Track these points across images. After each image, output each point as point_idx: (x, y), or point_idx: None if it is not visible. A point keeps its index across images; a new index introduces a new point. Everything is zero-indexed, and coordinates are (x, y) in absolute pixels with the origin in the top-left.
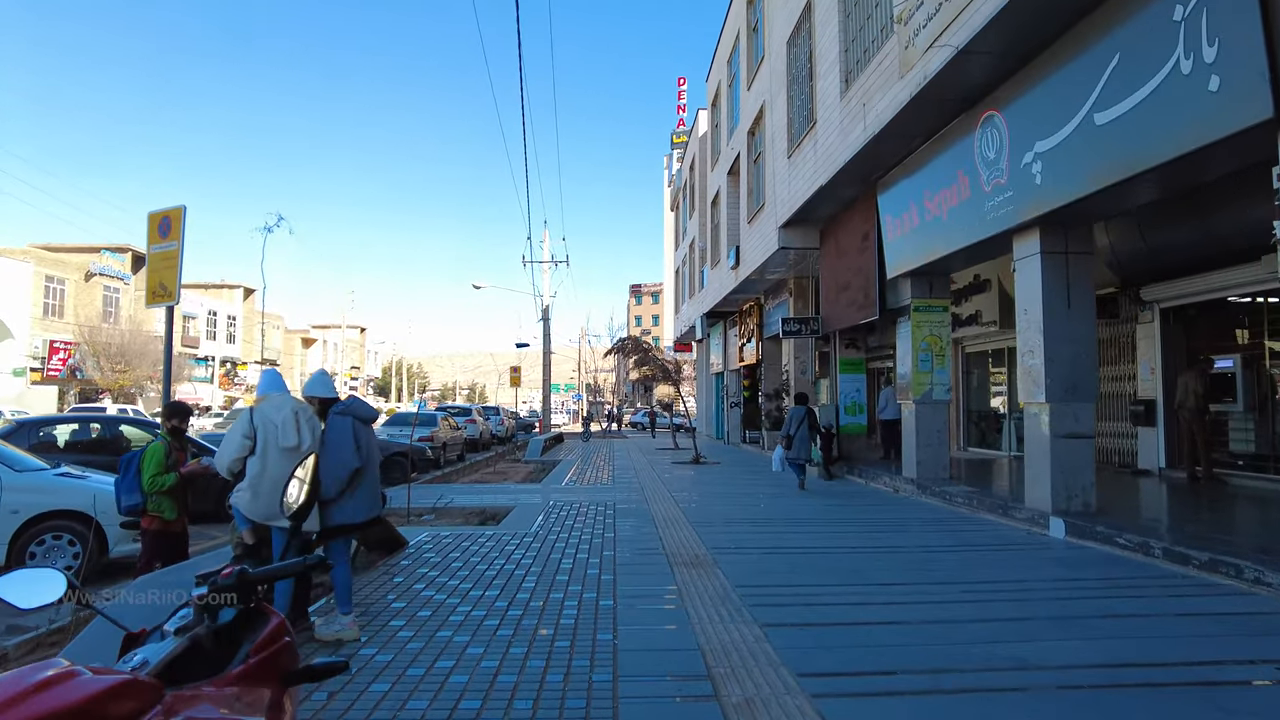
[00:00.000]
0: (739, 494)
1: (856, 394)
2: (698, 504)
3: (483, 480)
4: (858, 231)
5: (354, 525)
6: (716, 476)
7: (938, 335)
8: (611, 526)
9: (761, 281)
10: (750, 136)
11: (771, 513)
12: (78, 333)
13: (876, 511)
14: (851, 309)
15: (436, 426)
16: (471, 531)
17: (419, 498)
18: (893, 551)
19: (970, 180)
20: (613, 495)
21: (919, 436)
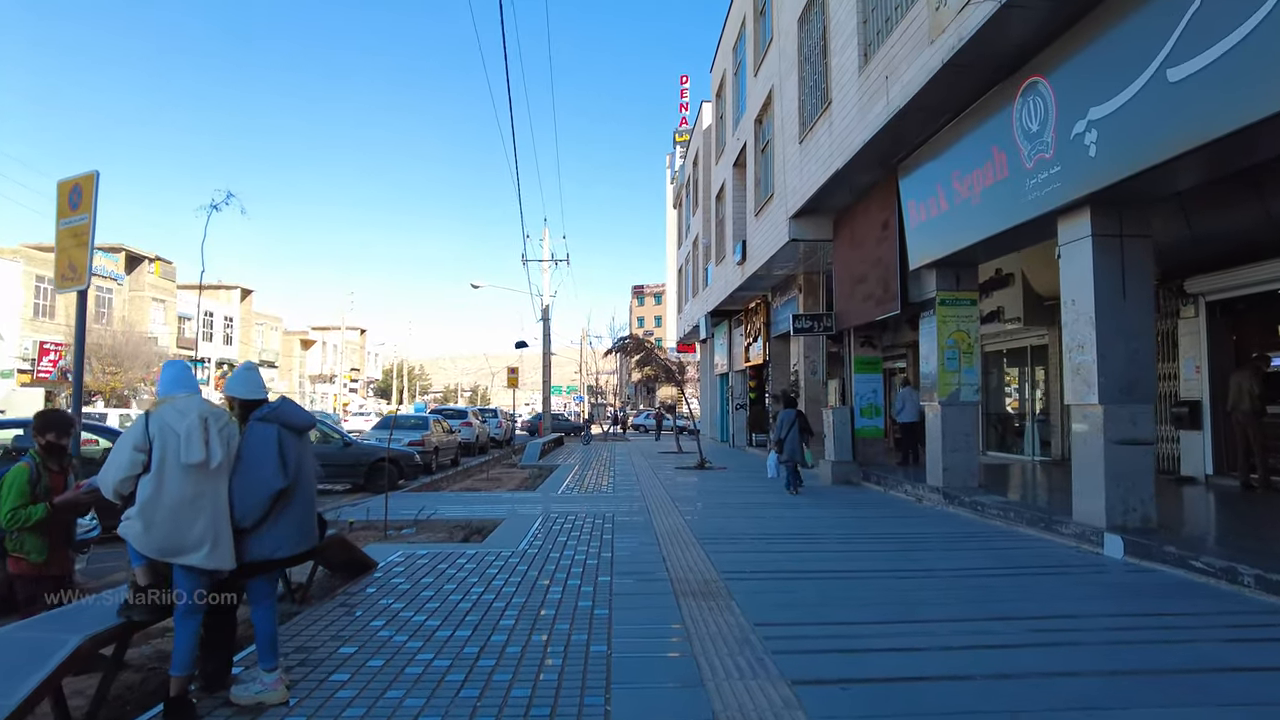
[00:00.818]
0: (749, 504)
1: (873, 395)
2: (704, 516)
3: (474, 488)
4: (876, 220)
5: (277, 561)
6: (723, 484)
7: (965, 331)
8: (609, 544)
9: (769, 278)
10: (757, 125)
11: (787, 527)
12: (69, 334)
13: (902, 525)
14: (869, 304)
15: (428, 430)
16: (451, 550)
17: (400, 508)
18: (931, 575)
19: (1008, 157)
20: (612, 505)
21: (945, 441)
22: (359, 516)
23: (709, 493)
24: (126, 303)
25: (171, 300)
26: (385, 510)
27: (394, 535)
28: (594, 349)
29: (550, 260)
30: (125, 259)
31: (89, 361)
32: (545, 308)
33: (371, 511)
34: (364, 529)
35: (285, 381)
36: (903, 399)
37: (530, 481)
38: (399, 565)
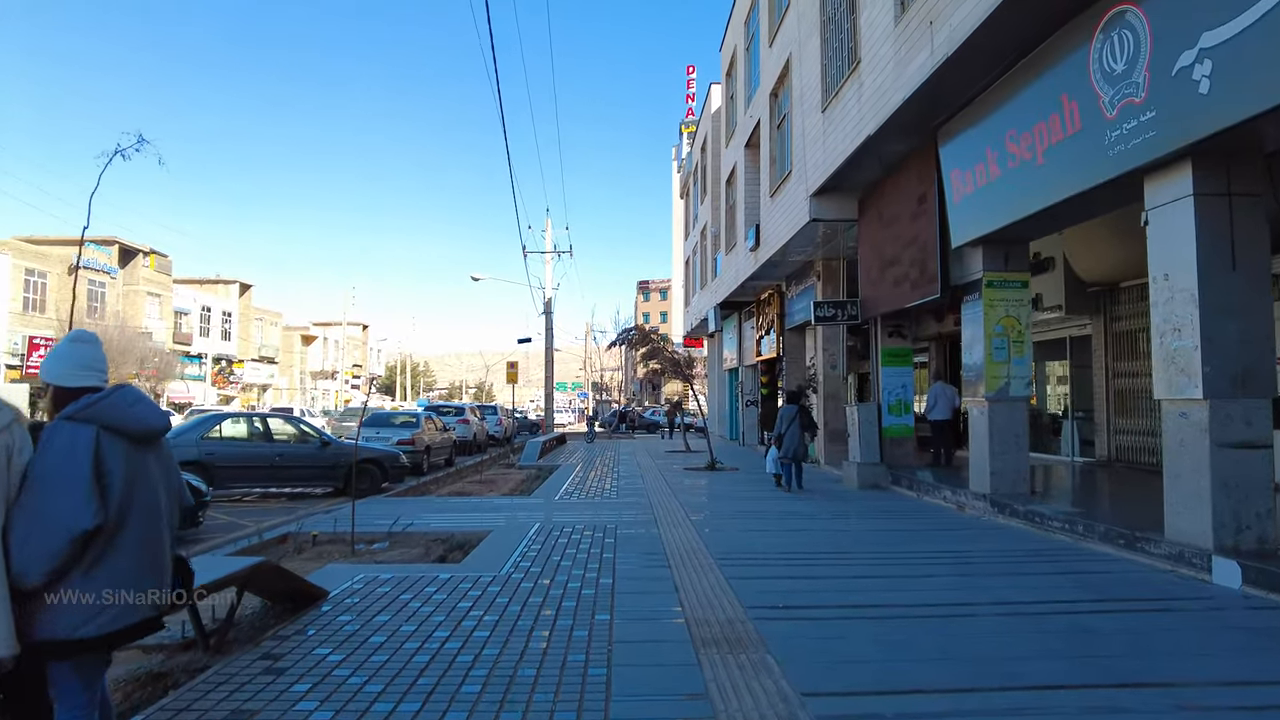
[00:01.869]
0: (769, 513)
1: (902, 390)
2: (719, 527)
3: (464, 491)
4: (910, 194)
5: (81, 644)
6: (736, 487)
7: (1015, 317)
8: (610, 567)
9: (784, 264)
10: (773, 99)
11: (816, 543)
12: (59, 328)
13: (949, 539)
14: (902, 288)
15: (419, 428)
16: (422, 574)
17: (376, 518)
18: (1014, 614)
19: (1082, 106)
20: (615, 513)
21: (993, 442)
22: (325, 528)
23: (722, 498)
24: (121, 297)
25: (167, 295)
26: (352, 522)
27: (362, 551)
28: (598, 345)
29: (553, 252)
30: (119, 252)
31: None
32: (548, 301)
33: (342, 521)
34: (329, 543)
35: (286, 378)
36: (934, 395)
37: (527, 485)
38: (354, 595)
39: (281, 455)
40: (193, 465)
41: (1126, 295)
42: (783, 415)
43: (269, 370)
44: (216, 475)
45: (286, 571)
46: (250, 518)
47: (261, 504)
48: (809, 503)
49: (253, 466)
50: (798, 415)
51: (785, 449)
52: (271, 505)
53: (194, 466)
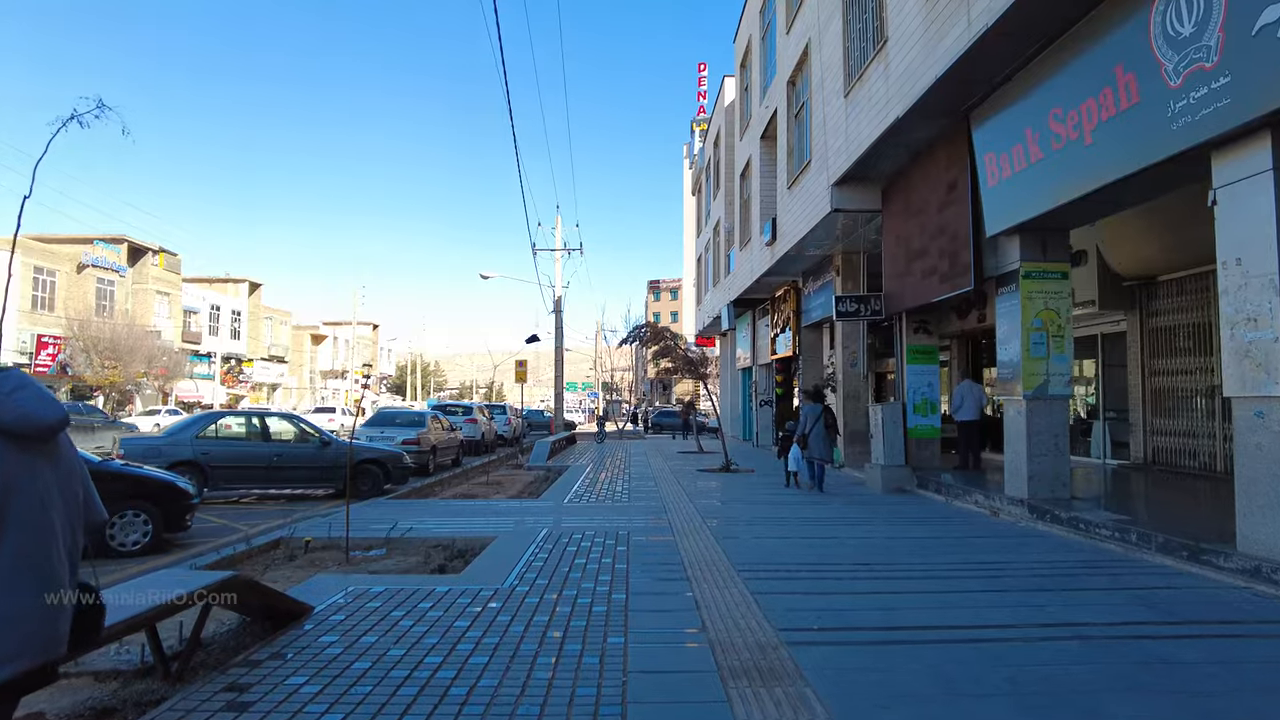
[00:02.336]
0: (790, 518)
1: (928, 389)
2: (739, 535)
3: (470, 494)
4: (940, 182)
5: None
6: (753, 490)
7: (1054, 310)
8: (623, 580)
9: (801, 259)
10: (790, 87)
11: (846, 552)
12: (67, 327)
13: (990, 548)
14: (930, 281)
15: (424, 428)
16: (418, 586)
17: (375, 522)
18: (1079, 638)
19: (1140, 76)
20: (627, 518)
21: (1031, 443)
22: (320, 533)
23: (741, 502)
24: (130, 295)
25: (176, 293)
26: (346, 527)
27: (357, 559)
28: (609, 345)
29: (563, 249)
30: (128, 250)
31: (88, 356)
32: (558, 299)
33: (339, 525)
34: (323, 549)
35: (295, 377)
36: (961, 394)
37: (535, 486)
38: (341, 612)
39: (280, 455)
40: (187, 465)
41: (1165, 290)
42: (806, 415)
43: (279, 369)
44: (212, 476)
45: (262, 587)
46: (245, 520)
47: (259, 506)
48: (831, 507)
49: (249, 467)
50: (821, 415)
51: (811, 450)
52: (269, 507)
53: (188, 467)
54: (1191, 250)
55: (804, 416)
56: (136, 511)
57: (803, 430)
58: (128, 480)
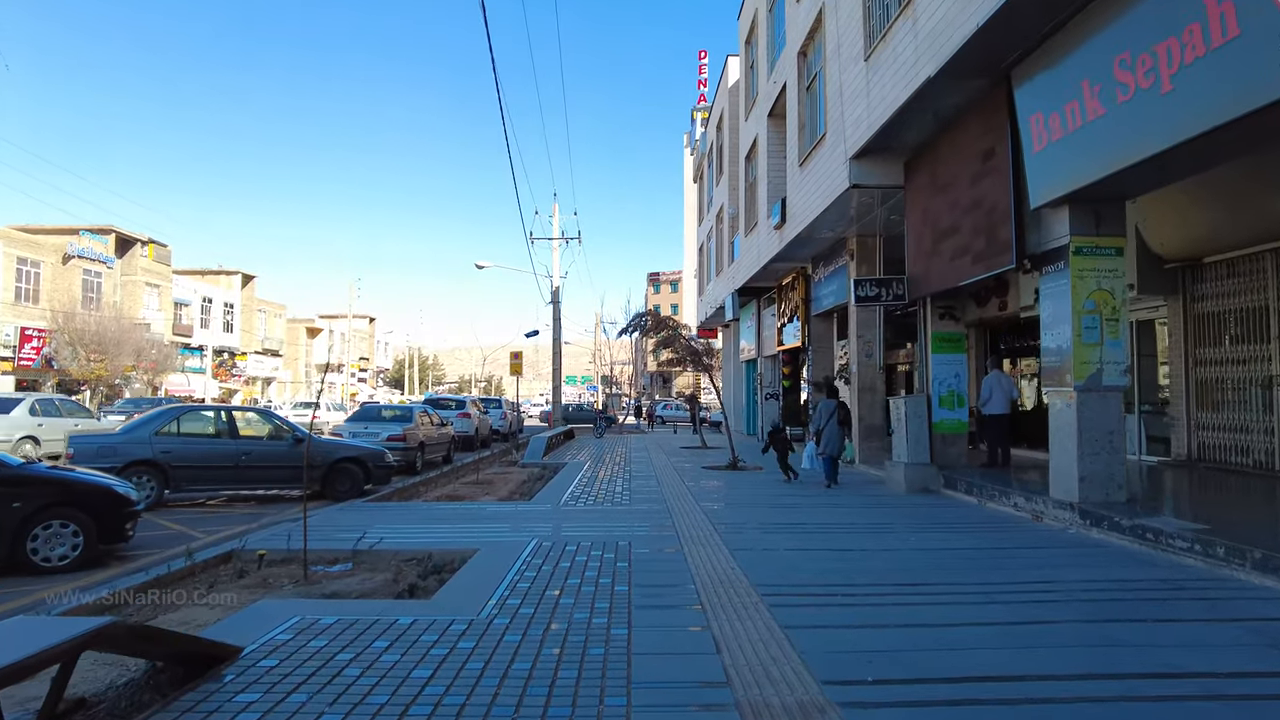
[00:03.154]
0: (809, 524)
1: (955, 380)
2: (756, 545)
3: (456, 495)
4: (973, 151)
5: None
6: (764, 490)
7: (1109, 290)
8: (624, 608)
9: (812, 242)
10: (801, 58)
11: (883, 567)
12: (52, 319)
13: (1050, 563)
14: (962, 261)
15: (411, 423)
16: (377, 616)
17: (344, 529)
18: (1214, 696)
19: (1240, 5)
20: (629, 525)
21: (1082, 440)
22: (277, 544)
23: (751, 504)
24: (118, 287)
25: (166, 285)
26: (304, 539)
27: (317, 576)
28: (609, 338)
29: (560, 238)
30: (116, 241)
31: (74, 349)
32: (555, 290)
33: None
34: (280, 564)
35: (290, 371)
36: (989, 386)
37: (528, 486)
38: (275, 654)
39: (248, 454)
40: (145, 465)
41: (1214, 272)
42: (820, 409)
43: (273, 363)
44: (174, 476)
45: (156, 631)
46: (205, 526)
47: (226, 509)
48: (852, 510)
49: (215, 467)
50: (836, 410)
51: (824, 444)
52: (237, 510)
53: (147, 466)
54: (1248, 227)
55: (819, 411)
56: (64, 521)
57: (818, 425)
58: (53, 486)
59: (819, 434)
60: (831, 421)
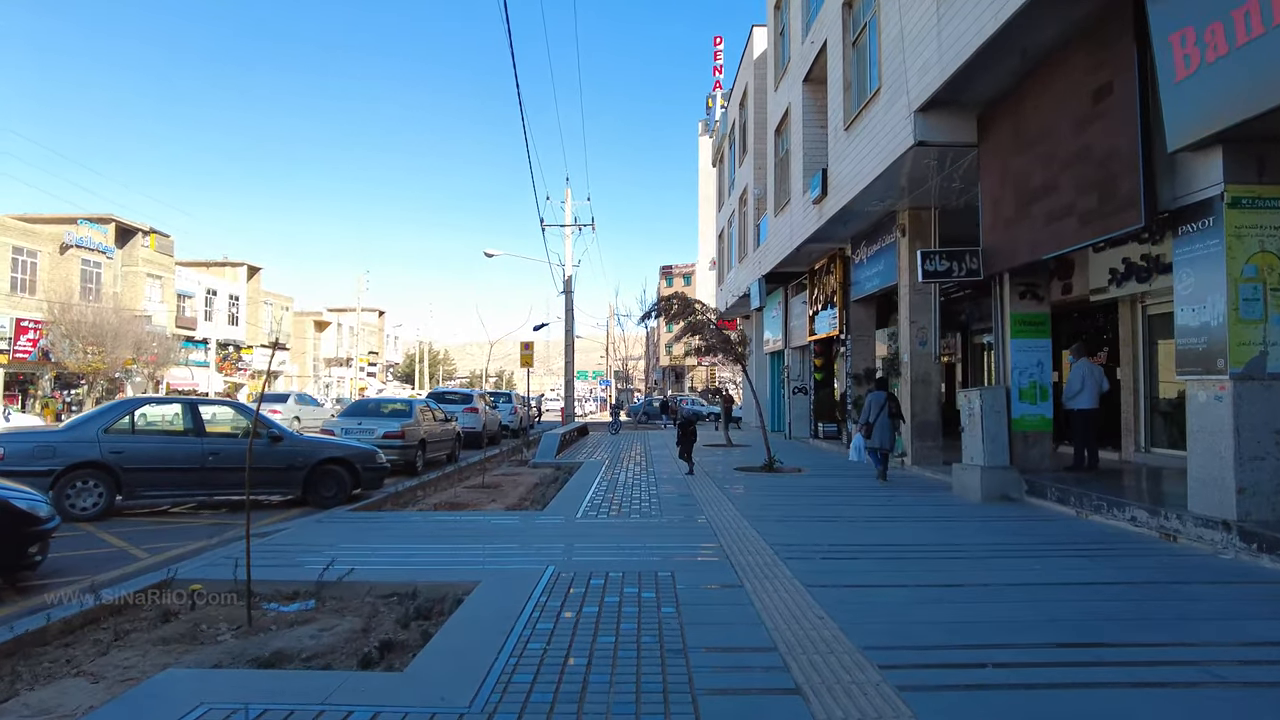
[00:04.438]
0: (893, 545)
1: (1038, 370)
2: (840, 581)
3: (458, 502)
4: (1078, 92)
5: None
6: (817, 498)
7: (1275, 254)
8: (683, 687)
9: (855, 218)
10: (847, 10)
11: (1027, 617)
12: (49, 311)
13: (1235, 607)
14: (1064, 224)
15: (410, 418)
16: (323, 706)
17: (314, 547)
18: None
19: None
20: (664, 545)
21: (1240, 442)
22: (220, 574)
23: (811, 519)
24: (119, 278)
25: (169, 276)
26: (248, 571)
27: (266, 619)
28: (623, 330)
29: (573, 225)
30: (116, 231)
31: (70, 341)
32: (568, 279)
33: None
34: (223, 600)
35: (297, 365)
36: (1078, 376)
37: (540, 491)
38: None
39: (216, 454)
40: (92, 468)
41: None
42: (870, 403)
43: (279, 356)
44: (126, 481)
45: None
46: (156, 542)
47: (190, 517)
48: (932, 526)
49: (177, 469)
50: (886, 403)
51: (875, 438)
52: (201, 519)
53: (93, 469)
54: None
55: (868, 404)
56: None
57: (867, 418)
58: None
59: (868, 427)
60: (883, 414)
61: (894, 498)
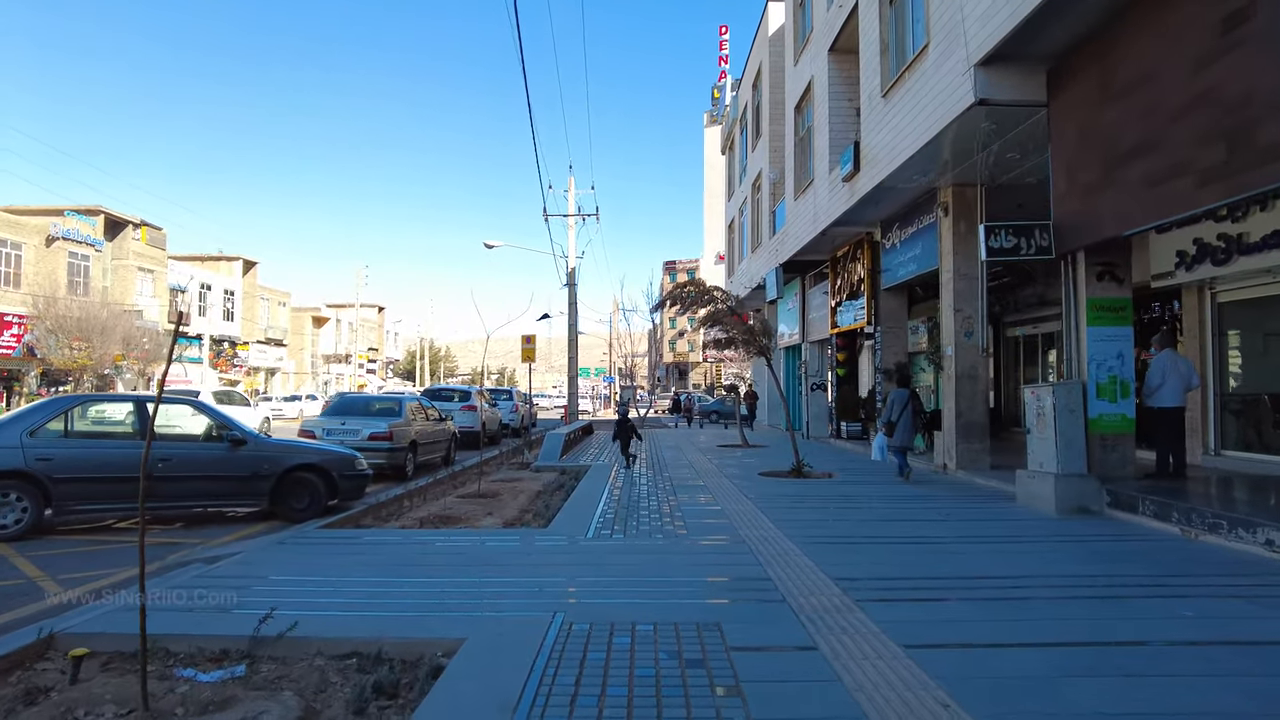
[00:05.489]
0: (998, 582)
1: (1118, 363)
2: (951, 638)
3: (449, 515)
4: (1198, 21)
5: None
6: (867, 511)
7: None
8: None
9: (889, 197)
10: None
11: (1212, 686)
12: (34, 305)
13: None
14: (1174, 186)
15: (399, 417)
16: None
17: (259, 584)
18: None
19: None
20: (699, 580)
21: None
22: (126, 626)
23: (872, 539)
24: (108, 272)
25: (161, 270)
26: (142, 627)
27: (170, 703)
28: (629, 326)
29: (577, 215)
30: (105, 223)
31: (55, 337)
32: (571, 271)
33: (193, 597)
34: (119, 668)
35: (295, 361)
36: (1160, 370)
37: (544, 501)
38: None
39: (167, 461)
40: (14, 478)
41: None
42: (893, 401)
43: (277, 353)
44: (57, 493)
45: None
46: (82, 569)
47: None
48: (1020, 549)
49: (119, 479)
50: (909, 401)
51: (898, 438)
52: (150, 538)
53: (16, 479)
54: None
55: (890, 402)
56: None
57: (889, 417)
58: None
59: (891, 426)
60: (906, 413)
61: (952, 510)
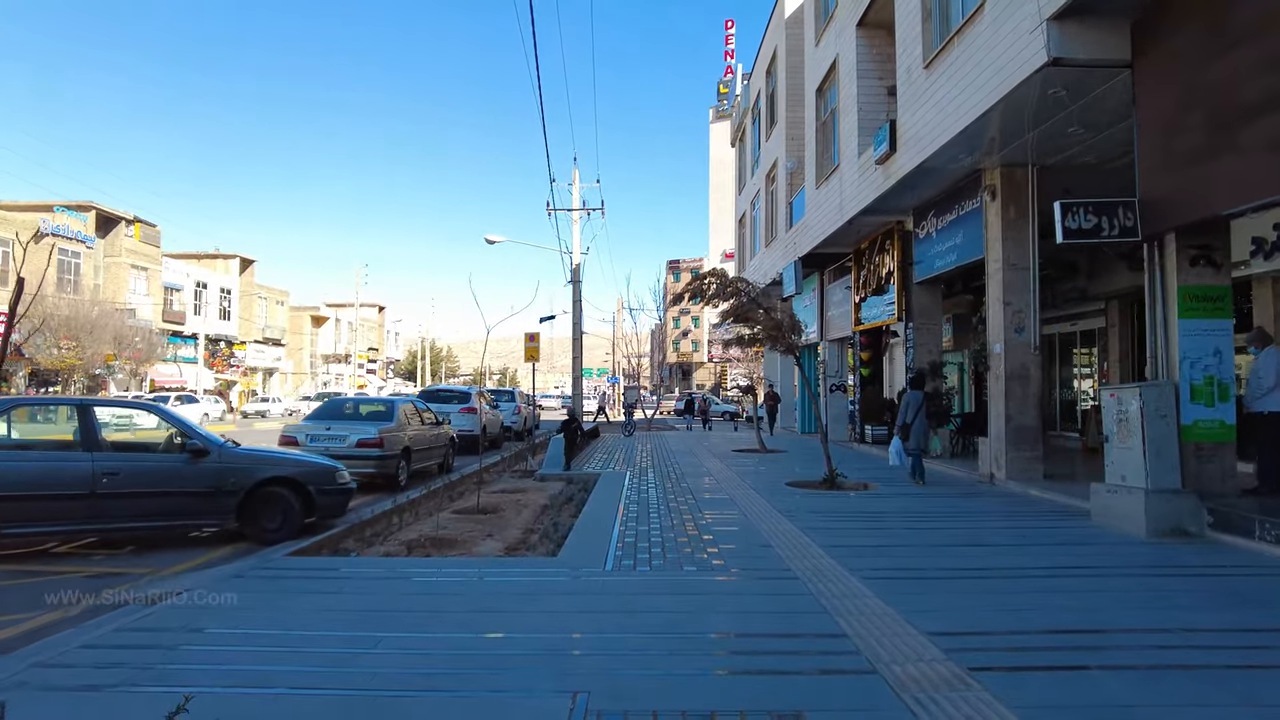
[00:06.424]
0: (1133, 637)
1: (1215, 361)
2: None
3: (442, 537)
4: None
5: None
6: (928, 533)
7: None
8: None
9: (928, 180)
10: None
11: None
12: (21, 302)
13: None
14: None
15: (391, 422)
16: None
17: (173, 656)
18: None
19: None
20: (751, 624)
21: None
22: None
23: (947, 573)
24: (100, 269)
25: (155, 268)
26: None
27: None
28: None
29: (582, 209)
30: (96, 219)
31: (44, 335)
32: (575, 267)
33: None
34: None
35: (293, 361)
36: (1264, 368)
37: (550, 519)
38: None
39: (115, 475)
40: None
41: None
42: (908, 403)
43: (274, 353)
44: None
45: None
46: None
47: (76, 562)
48: (1131, 584)
49: (54, 495)
50: (923, 405)
51: (912, 440)
52: (93, 562)
53: None
54: None
55: (904, 404)
56: None
57: (903, 420)
58: None
59: (905, 429)
60: (920, 416)
61: (1027, 533)
